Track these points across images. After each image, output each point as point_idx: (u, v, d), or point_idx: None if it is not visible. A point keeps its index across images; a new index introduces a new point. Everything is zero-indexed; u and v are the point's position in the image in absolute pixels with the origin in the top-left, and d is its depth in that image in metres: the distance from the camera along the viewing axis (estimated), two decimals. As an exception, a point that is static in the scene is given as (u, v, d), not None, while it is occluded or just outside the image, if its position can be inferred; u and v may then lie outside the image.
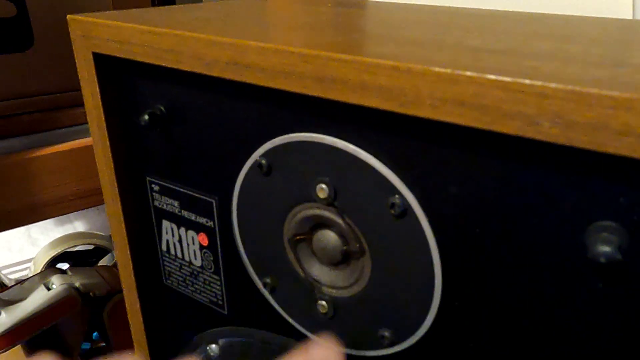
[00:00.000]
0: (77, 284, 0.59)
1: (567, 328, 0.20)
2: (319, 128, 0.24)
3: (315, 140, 0.24)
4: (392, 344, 0.26)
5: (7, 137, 0.42)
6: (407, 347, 0.26)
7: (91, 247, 0.76)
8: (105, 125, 0.32)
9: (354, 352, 0.28)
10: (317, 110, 0.24)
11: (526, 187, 0.19)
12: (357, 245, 0.25)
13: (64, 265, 0.72)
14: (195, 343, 0.40)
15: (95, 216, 0.86)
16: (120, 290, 0.62)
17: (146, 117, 0.29)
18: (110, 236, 0.79)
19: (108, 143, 0.32)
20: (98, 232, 0.78)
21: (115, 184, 0.34)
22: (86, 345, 0.70)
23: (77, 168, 0.44)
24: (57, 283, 0.58)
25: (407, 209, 0.22)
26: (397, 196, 0.22)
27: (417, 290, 0.24)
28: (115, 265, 0.69)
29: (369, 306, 0.26)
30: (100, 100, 0.31)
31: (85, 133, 0.45)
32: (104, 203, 0.39)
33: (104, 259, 0.73)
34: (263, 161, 0.27)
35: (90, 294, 0.60)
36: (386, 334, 0.26)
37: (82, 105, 0.34)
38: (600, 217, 0.18)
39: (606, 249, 0.17)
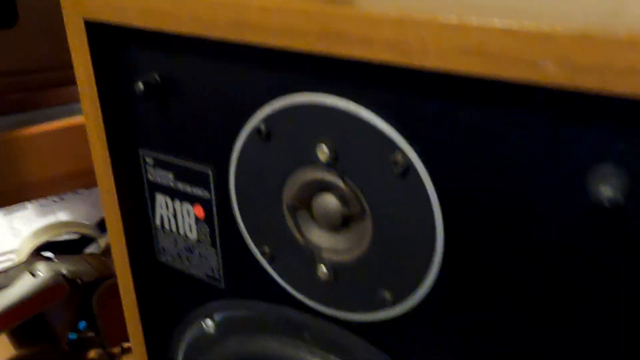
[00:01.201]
0: (64, 271, 0.58)
1: (573, 276, 0.20)
2: (319, 87, 0.24)
3: (316, 100, 0.24)
4: (393, 305, 0.26)
5: (-8, 116, 0.41)
6: (409, 309, 0.26)
7: (76, 236, 0.74)
8: (97, 97, 0.31)
9: (355, 316, 0.28)
10: (316, 69, 0.24)
11: (529, 137, 0.19)
12: (358, 207, 0.25)
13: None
14: (189, 320, 0.39)
15: (79, 206, 0.84)
16: (109, 277, 0.61)
17: (141, 85, 0.29)
18: (95, 225, 0.78)
19: (100, 115, 0.32)
20: (83, 222, 0.77)
21: (108, 157, 0.33)
22: (73, 336, 0.69)
23: (65, 148, 0.43)
24: (43, 270, 0.57)
25: (409, 167, 0.23)
26: (399, 153, 0.23)
27: (418, 249, 0.24)
28: (103, 253, 0.68)
29: (370, 268, 0.26)
30: (92, 70, 0.30)
31: (74, 112, 0.44)
32: (93, 184, 0.39)
33: (90, 247, 0.72)
34: (262, 126, 0.26)
35: (78, 281, 0.59)
36: (387, 295, 0.26)
37: (70, 84, 0.33)
38: (602, 161, 0.18)
39: (609, 192, 0.18)
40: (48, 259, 0.59)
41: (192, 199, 0.32)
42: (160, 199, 0.34)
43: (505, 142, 0.20)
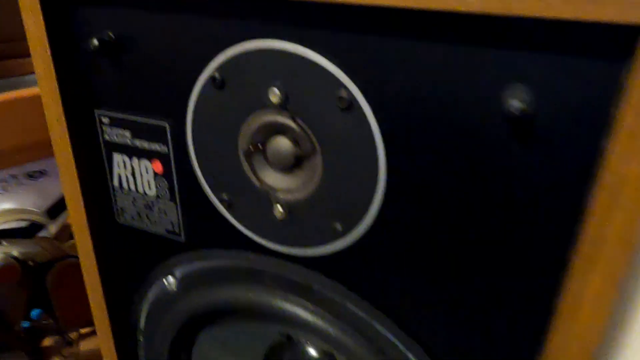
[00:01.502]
0: (15, 253, 0.57)
1: (493, 187, 0.24)
2: (269, 34, 0.26)
3: (265, 46, 0.26)
4: (344, 235, 0.29)
5: None
6: (358, 237, 0.29)
7: (25, 224, 0.73)
8: (50, 57, 0.32)
9: (310, 251, 0.30)
10: (264, 16, 0.26)
11: (450, 63, 0.22)
12: (309, 145, 0.28)
13: (-4, 244, 0.69)
14: (151, 279, 0.40)
15: (25, 196, 0.82)
16: (62, 258, 0.60)
17: (95, 41, 0.30)
18: (44, 212, 0.76)
19: (54, 76, 0.32)
20: (32, 209, 0.75)
21: (64, 119, 0.34)
22: (26, 324, 0.68)
23: (15, 121, 0.43)
24: (-8, 253, 0.56)
25: (352, 102, 0.25)
26: (342, 90, 0.25)
27: (364, 179, 0.27)
28: (55, 237, 0.67)
29: (322, 203, 0.29)
30: (44, 29, 0.31)
31: (24, 85, 0.44)
32: (45, 157, 0.39)
33: (40, 233, 0.70)
34: (216, 74, 0.28)
35: (30, 262, 0.58)
36: (338, 226, 0.29)
37: (19, 56, 0.34)
38: (513, 79, 0.21)
39: (518, 104, 0.21)
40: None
41: (150, 155, 0.33)
42: (118, 158, 0.35)
43: (431, 70, 0.23)
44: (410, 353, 0.30)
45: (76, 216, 0.38)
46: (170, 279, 0.38)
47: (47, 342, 0.65)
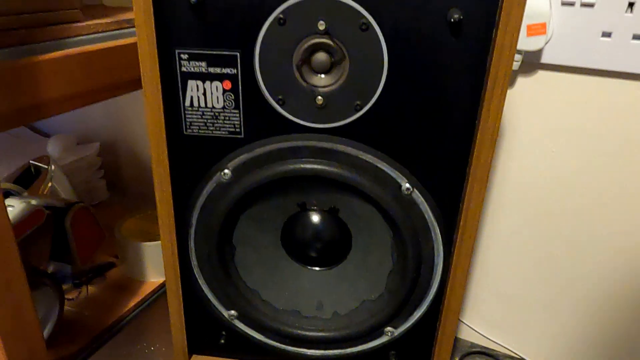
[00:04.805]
0: (34, 202, 0.65)
1: (441, 64, 0.47)
2: (319, -11, 0.45)
3: (317, -4, 0.46)
4: (361, 109, 0.50)
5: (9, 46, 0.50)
6: (368, 108, 0.50)
7: None
8: (151, 7, 0.46)
9: (339, 123, 0.50)
10: (317, -21, 0.45)
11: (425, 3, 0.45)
12: (341, 54, 0.48)
13: None
14: (208, 176, 0.56)
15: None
16: (74, 204, 0.70)
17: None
18: (13, 182, 0.81)
19: (152, 22, 0.47)
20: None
21: (156, 55, 0.48)
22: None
23: (81, 70, 0.55)
24: (15, 203, 0.64)
25: (369, 26, 0.46)
26: (363, 18, 0.46)
27: (374, 73, 0.48)
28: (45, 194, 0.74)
29: (347, 91, 0.49)
30: (149, -8, 0.46)
31: (71, 45, 0.55)
32: (100, 100, 0.53)
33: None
34: (281, 16, 0.47)
35: (48, 210, 0.67)
36: (359, 102, 0.49)
37: (62, 23, 0.47)
38: (453, 6, 0.44)
39: (456, 15, 0.44)
40: (16, 194, 0.65)
41: (222, 77, 0.50)
42: (192, 83, 0.51)
43: (412, 6, 0.45)
44: (400, 175, 0.52)
45: (156, 132, 0.52)
46: (226, 171, 0.55)
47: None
